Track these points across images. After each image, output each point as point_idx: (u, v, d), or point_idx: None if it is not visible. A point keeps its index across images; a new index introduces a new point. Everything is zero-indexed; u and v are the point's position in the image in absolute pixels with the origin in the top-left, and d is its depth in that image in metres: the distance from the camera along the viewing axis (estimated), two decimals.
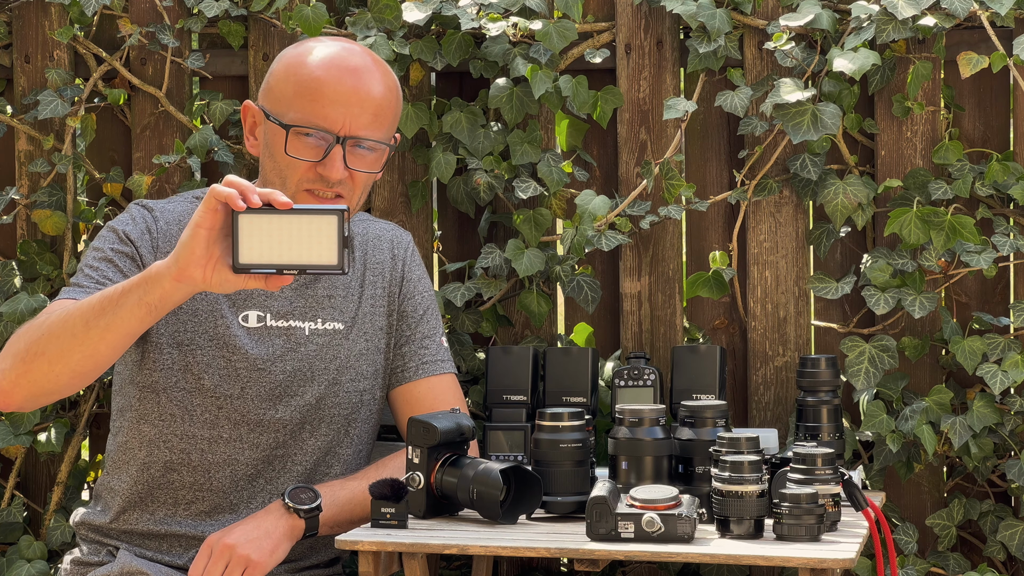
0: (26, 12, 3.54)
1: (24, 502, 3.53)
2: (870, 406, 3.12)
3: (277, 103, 2.77)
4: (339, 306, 2.88)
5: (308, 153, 2.74)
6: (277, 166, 2.77)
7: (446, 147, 3.33)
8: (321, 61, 2.76)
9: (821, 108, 3.14)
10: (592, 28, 3.35)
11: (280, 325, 2.84)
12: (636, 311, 3.35)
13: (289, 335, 2.84)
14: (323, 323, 2.87)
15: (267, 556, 2.71)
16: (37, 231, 3.54)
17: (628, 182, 3.33)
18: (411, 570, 2.62)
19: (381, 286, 2.93)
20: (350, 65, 2.77)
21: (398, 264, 2.96)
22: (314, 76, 2.75)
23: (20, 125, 3.53)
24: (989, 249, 3.12)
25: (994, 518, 3.20)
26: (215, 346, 2.80)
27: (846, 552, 2.48)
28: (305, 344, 2.85)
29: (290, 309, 2.85)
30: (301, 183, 2.76)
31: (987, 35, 3.13)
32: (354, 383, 2.89)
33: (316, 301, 2.87)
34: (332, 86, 2.74)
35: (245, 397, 2.81)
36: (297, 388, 2.84)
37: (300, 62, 2.77)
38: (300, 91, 2.74)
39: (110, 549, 2.86)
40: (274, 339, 2.83)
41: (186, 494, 2.82)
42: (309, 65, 2.76)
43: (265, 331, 2.83)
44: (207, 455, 2.81)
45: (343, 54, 2.78)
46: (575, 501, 2.71)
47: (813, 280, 3.24)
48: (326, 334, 2.87)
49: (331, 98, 2.74)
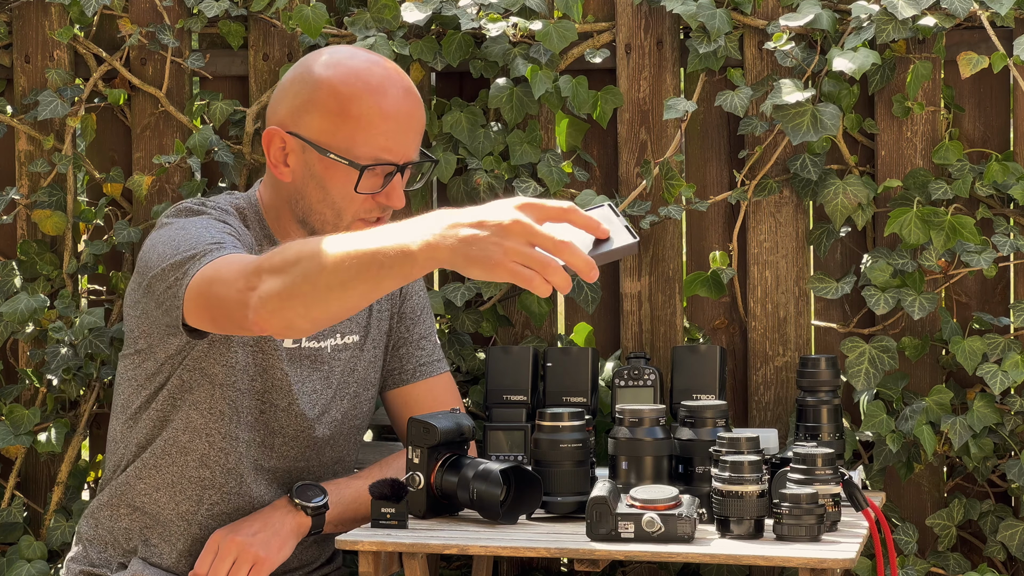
0: (26, 12, 3.54)
1: (24, 502, 3.53)
2: (870, 406, 3.12)
3: (329, 137, 2.70)
4: (354, 317, 2.88)
5: (372, 186, 2.72)
6: (330, 199, 2.72)
7: (446, 147, 3.33)
8: (372, 90, 2.69)
9: (821, 108, 3.14)
10: (592, 28, 3.35)
11: (312, 346, 2.84)
12: (636, 311, 3.35)
13: (317, 355, 2.84)
14: (342, 337, 2.87)
15: (275, 553, 2.71)
16: (37, 231, 3.54)
17: (628, 182, 3.33)
18: (411, 570, 2.62)
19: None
20: (399, 90, 2.71)
21: None
22: (374, 109, 2.68)
23: (20, 125, 3.53)
24: (989, 249, 3.12)
25: (994, 518, 3.20)
26: (265, 357, 2.78)
27: (846, 552, 2.48)
28: (329, 362, 2.85)
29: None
30: (358, 214, 2.73)
31: (987, 35, 3.13)
32: (367, 392, 2.90)
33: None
34: (394, 119, 2.69)
35: (291, 411, 2.80)
36: (328, 406, 2.85)
37: (349, 92, 2.69)
38: (362, 126, 2.68)
39: (122, 561, 2.84)
40: (303, 360, 2.83)
41: (213, 493, 2.81)
42: (364, 97, 2.69)
43: (298, 352, 2.82)
44: (244, 459, 2.80)
45: (388, 78, 2.72)
46: (575, 501, 2.71)
47: (813, 280, 3.24)
48: (346, 348, 2.87)
49: (394, 130, 2.70)
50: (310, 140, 2.71)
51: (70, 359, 3.38)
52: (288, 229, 2.80)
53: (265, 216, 2.83)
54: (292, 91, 2.74)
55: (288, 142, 2.73)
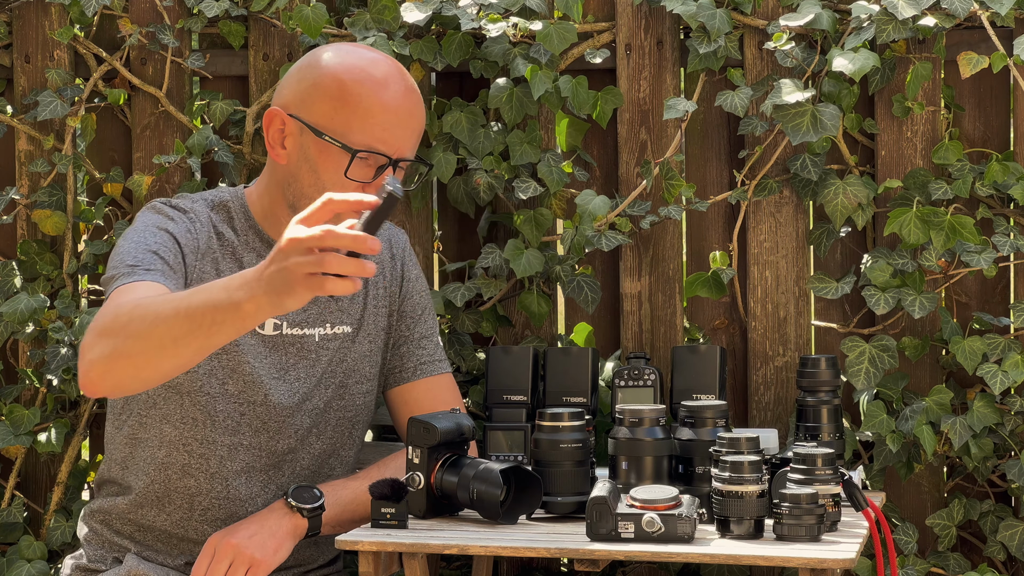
0: (26, 12, 3.54)
1: (24, 502, 3.53)
2: (870, 406, 3.12)
3: (328, 121, 2.72)
4: (346, 309, 2.88)
5: (363, 175, 2.73)
6: (320, 183, 2.73)
7: (446, 147, 3.33)
8: (376, 83, 2.72)
9: (821, 108, 3.14)
10: (592, 28, 3.35)
11: (295, 333, 2.84)
12: (636, 311, 3.35)
13: (303, 343, 2.84)
14: (332, 327, 2.87)
15: (271, 555, 2.71)
16: (37, 231, 3.53)
17: (628, 182, 3.33)
18: (411, 570, 2.62)
19: (383, 286, 2.93)
20: (401, 88, 2.74)
21: (397, 263, 2.96)
22: (376, 99, 2.71)
23: (20, 125, 3.53)
24: (989, 249, 3.12)
25: (994, 518, 3.20)
26: (239, 351, 2.79)
27: (846, 552, 2.48)
28: (316, 350, 2.85)
29: (304, 316, 2.84)
30: None
31: (987, 35, 3.13)
32: (359, 385, 2.90)
33: (324, 305, 2.87)
34: (393, 112, 2.72)
35: (268, 404, 2.80)
36: (310, 393, 2.84)
37: (353, 80, 2.72)
38: (361, 114, 2.71)
39: (116, 556, 2.85)
40: (288, 347, 2.83)
41: (203, 500, 2.81)
42: (367, 86, 2.72)
43: (280, 339, 2.83)
44: (226, 462, 2.80)
45: (393, 75, 2.75)
46: (575, 501, 2.70)
47: (813, 280, 3.24)
48: (335, 339, 2.87)
49: (392, 123, 2.72)
50: (308, 122, 2.74)
51: (70, 359, 3.38)
52: (279, 217, 2.80)
53: (252, 207, 2.84)
54: (297, 76, 2.78)
55: (288, 124, 2.76)
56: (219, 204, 2.84)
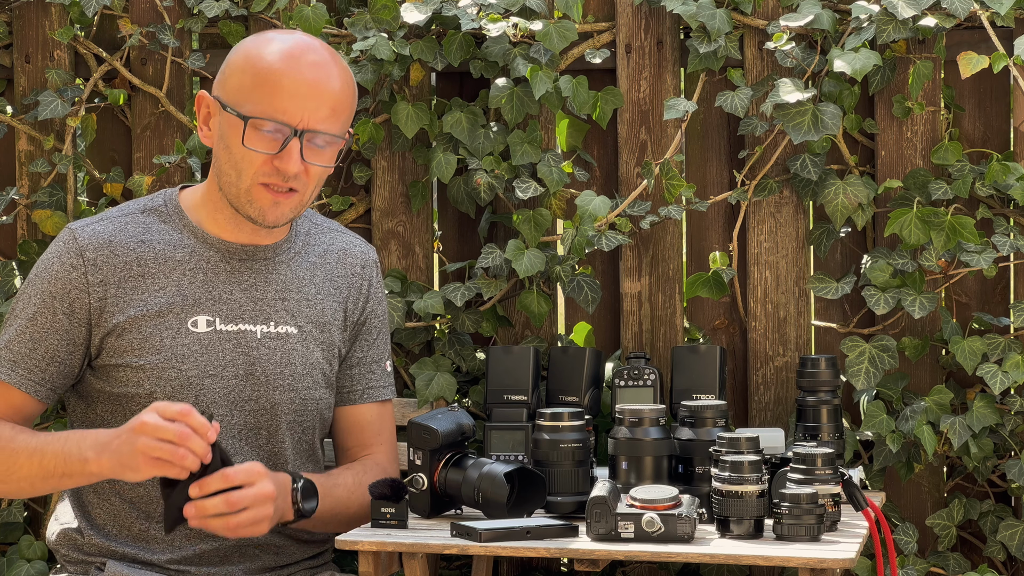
0: (26, 12, 3.54)
1: (24, 502, 3.54)
2: (870, 406, 3.12)
3: (234, 94, 2.72)
4: (292, 309, 2.82)
5: (265, 146, 2.70)
6: (232, 158, 2.72)
7: (446, 147, 3.33)
8: (280, 53, 2.71)
9: (821, 108, 3.14)
10: (592, 28, 3.35)
11: (230, 329, 2.79)
12: (636, 311, 3.35)
13: (240, 339, 2.79)
14: (275, 326, 2.81)
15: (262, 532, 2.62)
16: (37, 231, 3.54)
17: (628, 182, 3.33)
18: (411, 570, 2.63)
19: (339, 300, 2.89)
20: (309, 59, 2.72)
21: (364, 282, 2.92)
22: (273, 68, 2.70)
23: (20, 125, 3.53)
24: (989, 249, 3.12)
25: (994, 518, 3.20)
26: (165, 357, 2.73)
27: (846, 552, 2.48)
28: (257, 348, 2.80)
29: (239, 312, 2.79)
30: (257, 176, 2.71)
31: (987, 35, 3.13)
32: (313, 392, 2.85)
33: (267, 304, 2.81)
34: (291, 79, 2.70)
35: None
36: (252, 392, 2.79)
37: (258, 54, 2.72)
38: (258, 83, 2.70)
39: (97, 564, 2.81)
40: (224, 343, 2.77)
41: (157, 507, 2.74)
42: (267, 57, 2.71)
43: (215, 336, 2.77)
44: None
45: (302, 47, 2.73)
46: (575, 501, 2.71)
47: (813, 280, 3.24)
48: (278, 337, 2.81)
49: (290, 91, 2.69)
50: (220, 98, 2.74)
51: None
52: (218, 205, 2.78)
53: (185, 202, 2.82)
54: (225, 60, 2.79)
55: (211, 105, 2.77)
56: (151, 209, 2.82)
